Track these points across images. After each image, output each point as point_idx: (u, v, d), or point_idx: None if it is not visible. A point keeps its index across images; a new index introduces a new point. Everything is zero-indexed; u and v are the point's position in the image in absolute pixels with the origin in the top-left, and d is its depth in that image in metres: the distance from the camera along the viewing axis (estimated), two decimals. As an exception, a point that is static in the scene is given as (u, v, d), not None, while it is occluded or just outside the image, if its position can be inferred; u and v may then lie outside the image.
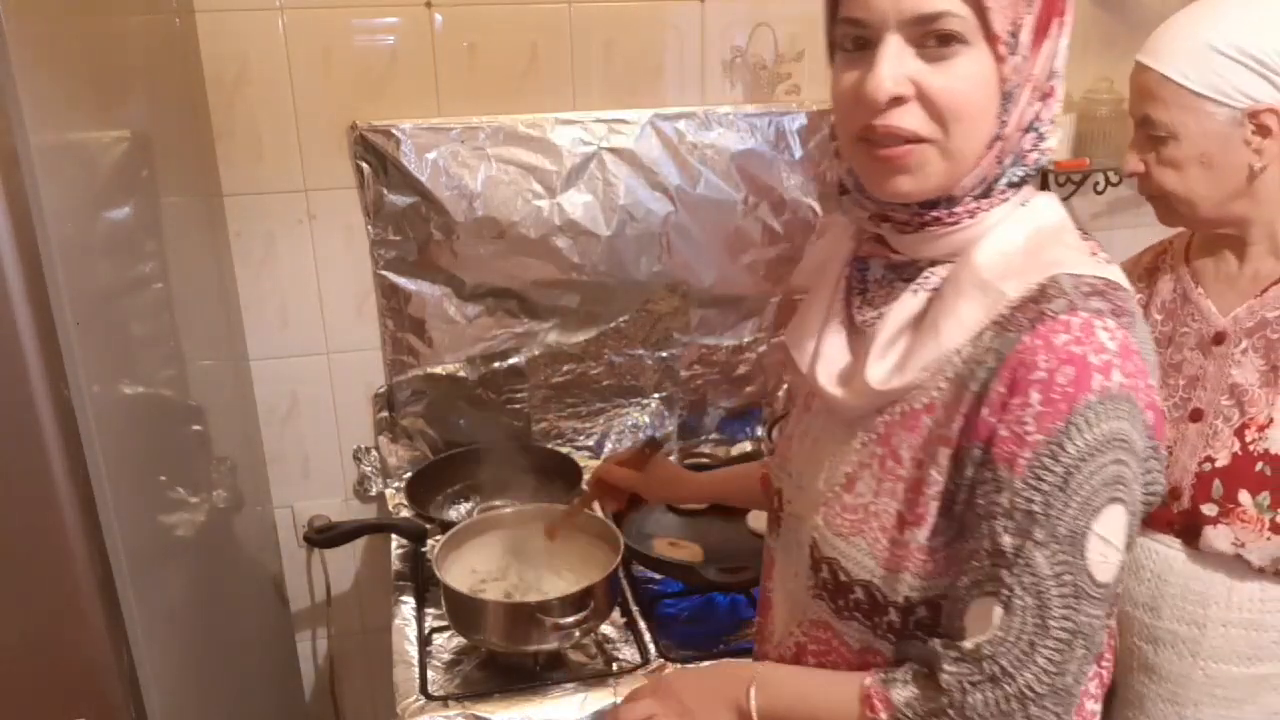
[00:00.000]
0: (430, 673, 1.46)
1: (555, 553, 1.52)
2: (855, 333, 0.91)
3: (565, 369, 1.98)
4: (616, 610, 1.54)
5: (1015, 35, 0.77)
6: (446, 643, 1.53)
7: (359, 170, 1.79)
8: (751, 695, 0.89)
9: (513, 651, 1.43)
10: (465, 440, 1.97)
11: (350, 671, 2.12)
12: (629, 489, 1.43)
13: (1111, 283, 0.81)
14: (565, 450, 2.00)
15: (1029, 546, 0.76)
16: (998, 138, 0.80)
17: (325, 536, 1.74)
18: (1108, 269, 0.83)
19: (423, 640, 1.53)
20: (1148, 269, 1.33)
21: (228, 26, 1.69)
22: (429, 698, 1.39)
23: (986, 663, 0.77)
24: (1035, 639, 0.76)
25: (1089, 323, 0.76)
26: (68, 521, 1.00)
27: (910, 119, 0.78)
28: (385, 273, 1.85)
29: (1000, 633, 0.77)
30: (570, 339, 1.96)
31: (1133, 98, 1.21)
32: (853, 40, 0.80)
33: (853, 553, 0.88)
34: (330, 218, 1.83)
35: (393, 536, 1.78)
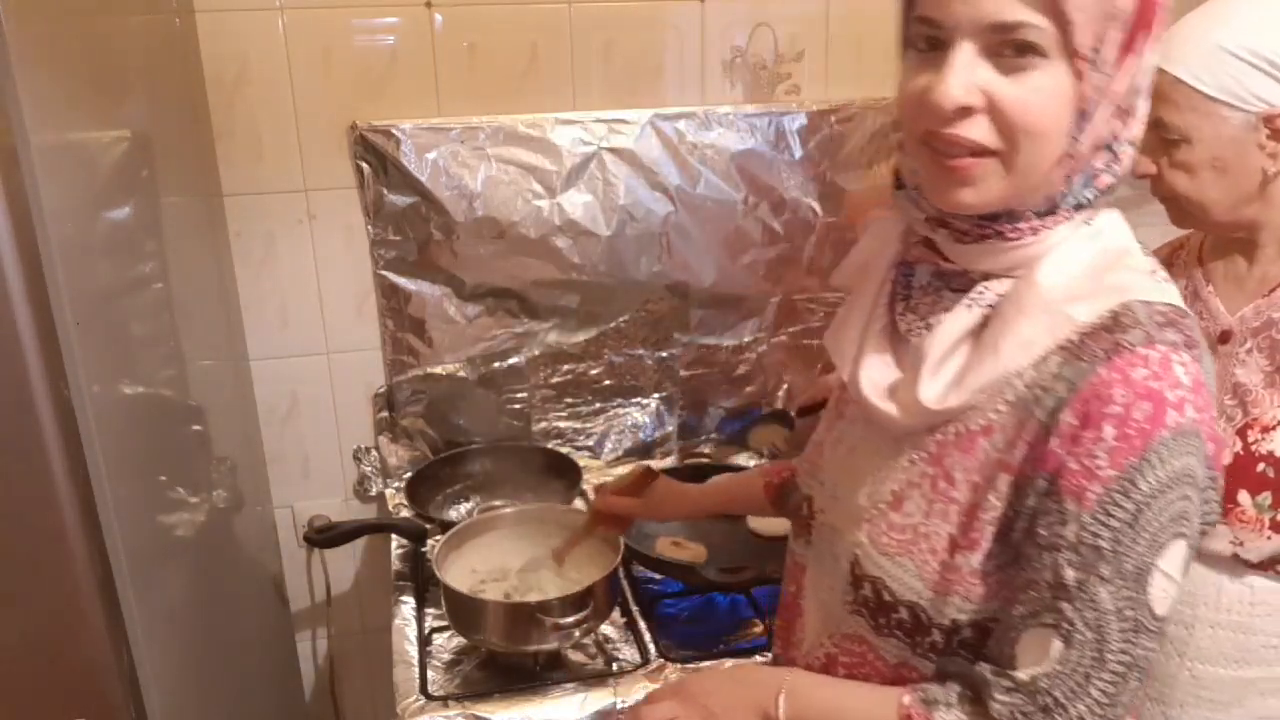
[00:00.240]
0: (430, 673, 1.46)
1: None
2: (899, 340, 0.88)
3: (565, 369, 1.98)
4: (616, 610, 1.54)
5: (1098, 50, 0.73)
6: (446, 643, 1.53)
7: (359, 170, 1.79)
8: (781, 703, 0.87)
9: (513, 651, 1.43)
10: (465, 440, 1.98)
11: (350, 671, 2.12)
12: (629, 517, 1.42)
13: (1179, 309, 0.79)
14: (565, 450, 2.00)
15: (1093, 581, 0.75)
16: (1068, 155, 0.77)
17: (325, 536, 1.75)
18: (1170, 291, 0.81)
19: (423, 640, 1.53)
20: (1163, 263, 1.32)
21: (228, 26, 1.69)
22: (429, 698, 1.39)
23: (1041, 695, 0.76)
24: (1091, 672, 0.75)
25: (1166, 357, 0.74)
26: (68, 521, 1.00)
27: (977, 130, 0.75)
28: (385, 273, 1.85)
29: (1058, 666, 0.76)
30: (570, 339, 1.96)
31: None
32: (926, 40, 0.77)
33: (899, 573, 0.85)
34: (330, 218, 1.83)
35: (393, 536, 1.78)
